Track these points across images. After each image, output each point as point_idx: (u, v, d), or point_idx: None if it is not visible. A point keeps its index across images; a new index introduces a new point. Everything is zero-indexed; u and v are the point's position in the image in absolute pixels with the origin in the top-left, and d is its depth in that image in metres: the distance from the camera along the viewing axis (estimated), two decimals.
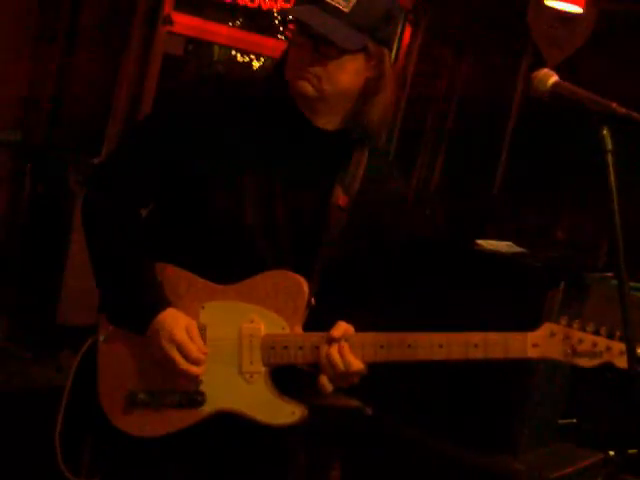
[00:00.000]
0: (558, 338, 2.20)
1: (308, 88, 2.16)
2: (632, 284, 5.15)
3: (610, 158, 2.01)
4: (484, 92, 6.78)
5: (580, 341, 2.18)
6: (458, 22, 6.54)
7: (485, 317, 4.63)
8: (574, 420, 4.55)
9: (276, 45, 5.34)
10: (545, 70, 2.14)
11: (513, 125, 7.20)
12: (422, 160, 6.82)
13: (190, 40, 5.16)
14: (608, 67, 6.74)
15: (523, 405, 4.20)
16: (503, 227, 5.89)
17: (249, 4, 5.40)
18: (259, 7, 5.49)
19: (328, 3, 2.12)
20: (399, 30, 6.44)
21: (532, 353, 2.21)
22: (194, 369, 2.21)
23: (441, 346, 2.20)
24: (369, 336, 2.22)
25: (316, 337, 2.23)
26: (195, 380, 2.24)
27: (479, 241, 4.72)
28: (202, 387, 2.25)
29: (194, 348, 2.20)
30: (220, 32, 5.06)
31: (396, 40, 6.01)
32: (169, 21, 4.77)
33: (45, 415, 2.32)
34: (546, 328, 2.21)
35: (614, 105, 2.03)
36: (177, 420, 2.26)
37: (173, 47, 5.01)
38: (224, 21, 5.26)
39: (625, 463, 4.31)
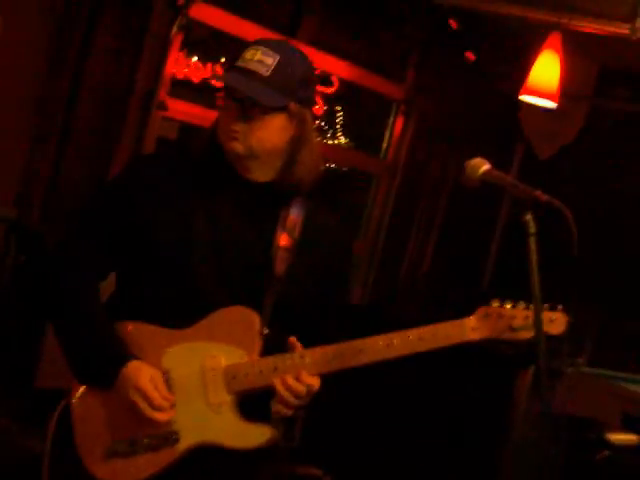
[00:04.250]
0: (492, 318, 2.39)
1: (237, 146, 2.41)
2: (621, 374, 5.23)
3: (532, 241, 2.18)
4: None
5: (513, 317, 2.37)
6: (450, 114, 6.66)
7: (454, 398, 4.76)
8: None
9: None
10: (478, 159, 2.33)
11: (504, 221, 7.32)
12: (411, 250, 6.88)
13: (184, 125, 5.35)
14: (597, 161, 6.91)
15: None
16: None
17: None
18: None
19: (249, 70, 2.39)
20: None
21: (472, 335, 2.39)
22: (159, 415, 2.39)
23: (389, 345, 2.39)
24: (319, 351, 2.40)
25: (272, 360, 2.41)
26: (167, 422, 2.41)
27: None
28: (175, 426, 2.42)
29: (157, 396, 2.38)
30: (212, 117, 5.24)
31: (387, 130, 6.09)
32: (163, 107, 4.97)
33: None
34: (480, 311, 2.40)
35: (537, 193, 2.19)
36: (156, 461, 2.42)
37: (167, 131, 5.21)
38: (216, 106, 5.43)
39: None
